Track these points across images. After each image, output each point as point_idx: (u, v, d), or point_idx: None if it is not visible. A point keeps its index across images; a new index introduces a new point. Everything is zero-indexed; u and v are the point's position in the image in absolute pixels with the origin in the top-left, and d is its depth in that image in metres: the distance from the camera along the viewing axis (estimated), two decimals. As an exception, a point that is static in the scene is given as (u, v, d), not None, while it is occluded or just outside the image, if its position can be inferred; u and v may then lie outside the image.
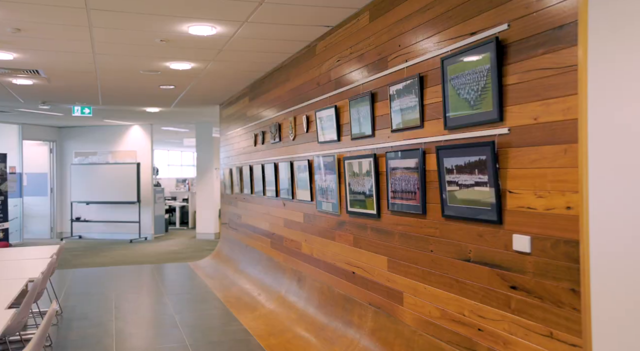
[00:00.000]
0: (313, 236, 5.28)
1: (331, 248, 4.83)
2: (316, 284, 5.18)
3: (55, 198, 13.85)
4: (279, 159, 6.33)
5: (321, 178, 4.98)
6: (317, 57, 5.12)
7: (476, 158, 2.79)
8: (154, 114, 11.38)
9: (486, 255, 2.77)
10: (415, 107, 3.40)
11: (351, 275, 4.43)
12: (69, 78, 7.14)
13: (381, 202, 3.90)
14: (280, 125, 6.30)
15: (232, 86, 7.90)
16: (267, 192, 6.84)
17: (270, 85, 6.74)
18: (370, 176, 4.00)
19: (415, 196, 3.40)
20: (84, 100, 9.31)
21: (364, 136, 4.13)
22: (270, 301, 5.98)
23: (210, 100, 9.45)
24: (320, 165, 4.99)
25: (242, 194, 8.20)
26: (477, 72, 2.78)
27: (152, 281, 8.09)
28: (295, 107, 5.74)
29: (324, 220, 4.99)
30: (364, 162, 4.09)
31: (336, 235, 4.73)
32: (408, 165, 3.48)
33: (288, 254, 6.07)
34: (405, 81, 3.50)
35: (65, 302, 6.55)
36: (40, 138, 13.67)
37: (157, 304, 6.51)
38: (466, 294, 2.93)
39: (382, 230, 3.89)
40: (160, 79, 7.19)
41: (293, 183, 5.86)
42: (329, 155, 4.77)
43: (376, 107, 3.96)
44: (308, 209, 5.41)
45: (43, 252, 5.82)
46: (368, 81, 4.08)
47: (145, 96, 8.81)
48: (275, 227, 6.55)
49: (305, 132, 5.45)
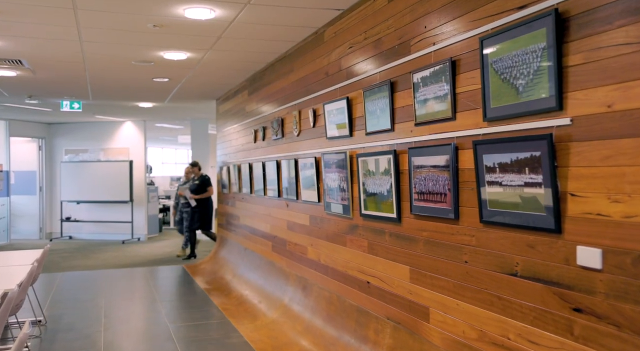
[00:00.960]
0: (320, 240, 4.84)
1: (342, 254, 4.39)
2: (324, 293, 4.75)
3: (45, 197, 13.34)
4: (281, 156, 5.89)
5: (330, 178, 4.54)
6: (326, 44, 4.68)
7: (527, 154, 2.36)
8: (147, 110, 10.90)
9: (539, 269, 2.34)
10: (445, 97, 2.97)
11: (365, 285, 3.99)
12: (55, 69, 6.67)
13: (402, 204, 3.46)
14: (283, 120, 5.85)
15: (230, 79, 7.45)
16: (268, 191, 6.40)
17: (271, 77, 6.29)
18: (389, 175, 3.56)
19: (445, 198, 2.97)
20: (72, 95, 8.83)
21: (382, 130, 3.69)
22: (272, 310, 5.54)
23: (206, 95, 8.99)
24: (329, 163, 4.55)
25: (241, 194, 7.75)
26: (528, 52, 2.35)
27: (145, 286, 7.63)
28: (301, 100, 5.29)
29: (334, 223, 4.55)
30: (382, 160, 3.65)
31: (347, 240, 4.29)
32: (436, 163, 3.04)
33: (291, 259, 5.63)
34: (433, 67, 3.06)
35: (51, 310, 6.08)
36: (28, 135, 13.15)
37: (150, 312, 6.05)
38: (511, 314, 2.50)
39: (403, 235, 3.46)
40: (154, 70, 6.73)
41: (297, 183, 5.42)
42: (340, 151, 4.34)
43: (396, 97, 3.52)
44: (315, 211, 4.97)
45: (25, 257, 5.36)
46: (386, 69, 3.64)
47: (138, 90, 8.34)
48: (277, 229, 6.11)
49: (311, 126, 5.01)
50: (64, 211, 13.05)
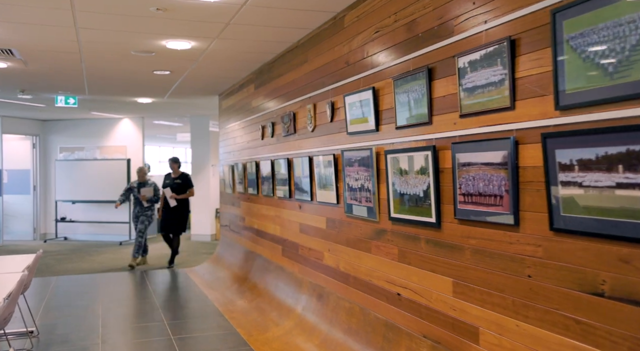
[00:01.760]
0: (340, 246, 4.42)
1: (366, 261, 3.97)
2: (344, 303, 4.32)
3: (39, 196, 12.87)
4: (293, 154, 5.46)
5: (352, 177, 4.12)
6: (347, 30, 4.25)
7: (621, 149, 1.94)
8: (146, 106, 10.46)
9: (637, 289, 1.92)
10: (501, 82, 2.54)
11: (395, 297, 3.57)
12: (49, 60, 6.22)
13: (443, 207, 3.04)
14: (294, 115, 5.42)
15: (236, 72, 7.01)
16: (277, 191, 5.97)
17: (282, 69, 5.85)
18: (427, 174, 3.14)
19: (501, 201, 2.55)
20: (68, 89, 8.37)
21: (417, 124, 3.27)
22: (284, 320, 5.12)
23: (208, 90, 8.55)
24: (350, 161, 4.13)
25: (246, 194, 7.32)
26: (621, 24, 1.93)
27: (144, 291, 7.19)
28: (316, 93, 4.87)
29: (356, 227, 4.12)
30: (417, 157, 3.23)
31: (373, 246, 3.86)
32: (490, 160, 2.62)
33: (305, 265, 5.20)
34: (485, 49, 2.64)
35: (44, 319, 5.64)
36: (22, 132, 12.70)
37: (151, 322, 5.62)
38: (596, 342, 2.08)
39: (443, 243, 3.04)
40: (155, 62, 6.29)
41: (312, 182, 4.99)
42: (364, 148, 3.91)
43: (435, 86, 3.10)
44: (333, 213, 4.55)
45: (16, 263, 4.92)
46: (422, 54, 3.21)
47: (137, 84, 7.90)
48: (288, 232, 5.68)
49: (329, 121, 4.58)
50: (59, 211, 12.60)
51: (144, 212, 8.97)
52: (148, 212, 8.99)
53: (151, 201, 8.93)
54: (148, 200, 8.89)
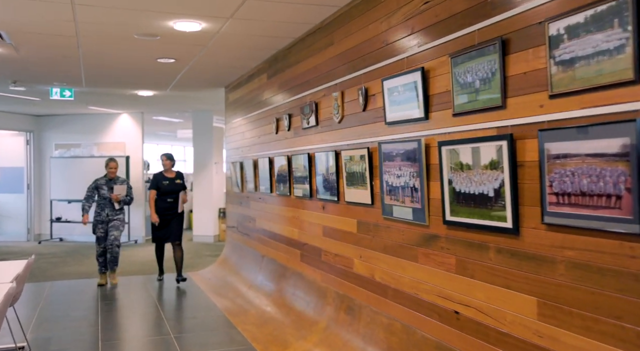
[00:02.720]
0: (375, 252, 3.85)
1: (411, 271, 3.41)
2: (380, 318, 3.76)
3: (33, 195, 12.27)
4: (315, 149, 4.90)
5: (392, 173, 3.56)
6: (385, 4, 3.68)
7: None
8: (147, 100, 9.87)
9: None
10: (619, 49, 1.99)
11: (451, 316, 3.01)
12: (43, 45, 5.63)
13: (522, 209, 2.48)
14: (317, 105, 4.86)
15: (246, 61, 6.43)
16: (295, 190, 5.40)
17: (301, 55, 5.28)
18: (499, 169, 2.58)
19: (620, 203, 1.99)
20: (63, 80, 7.79)
21: (484, 109, 2.71)
22: (307, 333, 4.55)
23: (214, 81, 7.98)
24: (390, 155, 3.56)
25: (257, 192, 6.75)
26: None
27: (147, 298, 6.62)
28: (344, 79, 4.30)
29: (397, 232, 3.56)
30: (486, 148, 2.67)
31: (421, 253, 3.30)
32: (601, 150, 2.06)
33: (329, 272, 4.64)
34: (594, 7, 2.08)
35: (37, 332, 5.06)
36: (15, 128, 12.11)
37: (157, 335, 5.05)
38: None
39: (523, 253, 2.48)
40: (159, 47, 5.71)
41: (339, 180, 4.43)
42: (410, 139, 3.35)
43: (509, 61, 2.54)
44: (366, 215, 3.99)
45: (4, 271, 4.34)
46: (493, 23, 2.65)
47: (139, 74, 7.32)
48: (308, 235, 5.12)
49: (361, 110, 4.01)
50: (54, 211, 12.00)
51: (117, 216, 7.32)
52: (121, 216, 7.40)
53: (124, 202, 7.38)
54: (121, 201, 7.34)
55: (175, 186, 7.36)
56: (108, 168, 7.37)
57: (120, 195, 7.30)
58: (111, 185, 7.32)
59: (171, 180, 7.36)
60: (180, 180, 7.45)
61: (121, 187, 7.34)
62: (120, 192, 7.31)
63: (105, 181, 7.37)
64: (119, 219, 7.37)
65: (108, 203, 7.27)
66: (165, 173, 7.39)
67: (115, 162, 7.48)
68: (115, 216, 7.30)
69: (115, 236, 7.22)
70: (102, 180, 7.38)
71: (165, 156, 7.47)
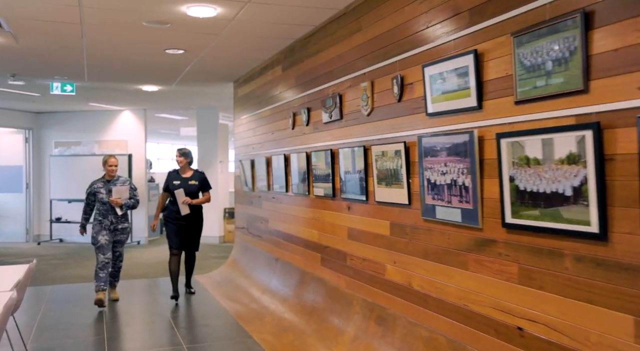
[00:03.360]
0: (412, 257, 3.49)
1: (458, 280, 3.04)
2: (420, 331, 3.39)
3: (32, 195, 11.87)
4: (339, 144, 4.53)
5: (435, 170, 3.19)
6: (426, -18, 3.32)
7: None
8: (151, 96, 9.50)
9: None
10: None
11: (513, 332, 2.64)
12: (44, 35, 5.26)
13: (612, 211, 2.12)
14: (341, 97, 4.49)
15: (259, 52, 6.06)
16: (315, 189, 5.04)
17: (322, 44, 4.92)
18: (580, 163, 2.22)
19: None
20: (65, 73, 7.42)
21: (558, 94, 2.34)
22: (333, 345, 4.19)
23: (223, 76, 7.61)
24: (434, 150, 3.20)
25: (270, 192, 6.38)
26: None
27: (153, 304, 6.25)
28: (375, 67, 3.94)
29: (441, 235, 3.20)
30: (562, 139, 2.30)
31: (471, 260, 2.94)
32: None
33: (356, 278, 4.28)
34: None
35: (38, 342, 4.69)
36: (13, 126, 11.72)
37: (167, 346, 4.67)
38: None
39: (615, 263, 2.11)
40: (169, 36, 5.34)
41: (368, 178, 4.06)
42: (459, 131, 2.99)
43: (594, 37, 2.18)
44: (401, 216, 3.62)
45: (3, 277, 3.96)
46: (570, -5, 2.29)
47: (145, 67, 6.94)
48: (330, 237, 4.75)
49: (396, 101, 3.65)
50: (54, 211, 11.61)
51: (122, 224, 6.06)
52: (126, 224, 6.13)
53: (127, 206, 6.02)
54: (123, 205, 5.97)
55: (189, 187, 6.22)
56: (107, 166, 6.02)
57: (122, 198, 5.95)
58: (110, 187, 5.97)
59: (184, 180, 6.26)
60: (196, 181, 6.28)
61: (122, 188, 5.99)
62: (121, 195, 5.95)
63: (103, 183, 6.03)
64: (124, 230, 6.10)
65: (110, 209, 5.95)
66: (180, 172, 6.33)
67: (115, 158, 6.17)
68: (119, 223, 6.02)
69: (120, 252, 6.17)
70: (100, 183, 6.04)
71: (179, 152, 6.35)
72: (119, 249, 6.13)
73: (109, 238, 5.94)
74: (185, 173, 6.33)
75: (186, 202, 6.15)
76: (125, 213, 6.12)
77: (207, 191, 6.41)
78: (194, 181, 6.31)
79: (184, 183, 6.25)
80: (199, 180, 6.33)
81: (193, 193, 6.26)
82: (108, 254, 5.89)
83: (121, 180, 6.14)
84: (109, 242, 5.94)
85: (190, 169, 6.38)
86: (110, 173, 6.05)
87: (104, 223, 5.95)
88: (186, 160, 6.34)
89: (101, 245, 5.87)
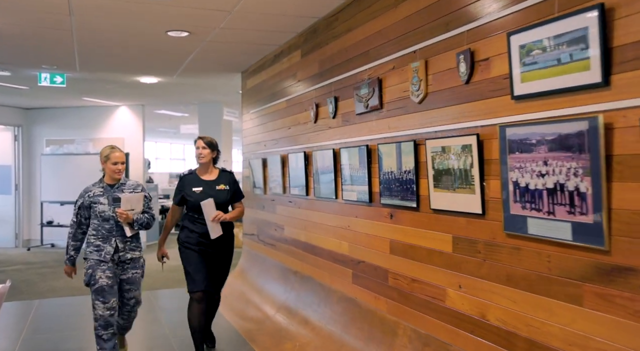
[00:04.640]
0: (487, 282, 2.72)
1: (566, 318, 2.27)
2: (501, 379, 2.62)
3: (21, 197, 11.13)
4: (377, 139, 3.76)
5: (527, 170, 2.42)
6: None
7: None
8: (150, 89, 8.72)
9: None
10: None
11: (664, 398, 1.88)
12: (27, 15, 4.48)
13: None
14: (381, 82, 3.72)
15: (274, 36, 5.29)
16: (344, 193, 4.27)
17: (353, 22, 4.14)
18: None
19: None
20: (53, 62, 6.64)
21: None
22: (374, 387, 3.42)
23: (231, 65, 6.84)
24: (527, 144, 2.43)
25: (287, 195, 5.61)
26: None
27: (154, 322, 5.48)
28: (429, 43, 3.16)
29: (536, 256, 2.43)
30: None
31: (589, 293, 2.16)
32: None
33: (402, 302, 3.51)
34: None
35: (14, 377, 3.92)
36: (1, 122, 11.00)
37: (170, 381, 3.90)
38: None
39: None
40: (172, 14, 4.57)
41: (418, 180, 3.29)
42: (571, 118, 2.21)
43: None
44: (469, 229, 2.85)
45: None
46: None
47: (144, 53, 6.16)
48: (365, 251, 3.98)
49: (463, 82, 2.88)
50: (45, 214, 10.83)
51: (132, 252, 3.98)
52: (137, 252, 4.01)
53: (140, 224, 3.94)
54: (134, 222, 3.90)
55: (219, 195, 4.24)
56: (109, 163, 3.96)
57: (134, 212, 3.90)
58: (115, 196, 3.95)
59: (209, 185, 4.27)
60: (226, 185, 4.31)
61: (135, 197, 3.94)
62: (133, 205, 3.90)
63: (104, 189, 4.00)
64: (138, 263, 4.00)
65: (115, 229, 3.90)
66: (200, 173, 4.33)
67: (121, 151, 4.08)
68: (129, 253, 3.93)
69: (135, 297, 4.03)
70: (98, 189, 4.00)
71: (202, 141, 4.30)
72: (132, 294, 4.00)
73: (112, 276, 3.84)
74: (209, 175, 4.32)
75: (219, 218, 4.14)
76: (138, 235, 4.03)
77: (239, 200, 4.45)
78: (222, 186, 4.30)
79: (211, 190, 4.23)
80: (229, 184, 4.35)
81: (223, 204, 4.27)
82: (112, 301, 3.80)
83: (130, 184, 4.07)
84: (114, 282, 3.85)
85: (215, 168, 4.39)
86: (115, 175, 3.99)
87: (103, 251, 3.86)
88: (212, 155, 4.31)
89: (100, 287, 3.78)
